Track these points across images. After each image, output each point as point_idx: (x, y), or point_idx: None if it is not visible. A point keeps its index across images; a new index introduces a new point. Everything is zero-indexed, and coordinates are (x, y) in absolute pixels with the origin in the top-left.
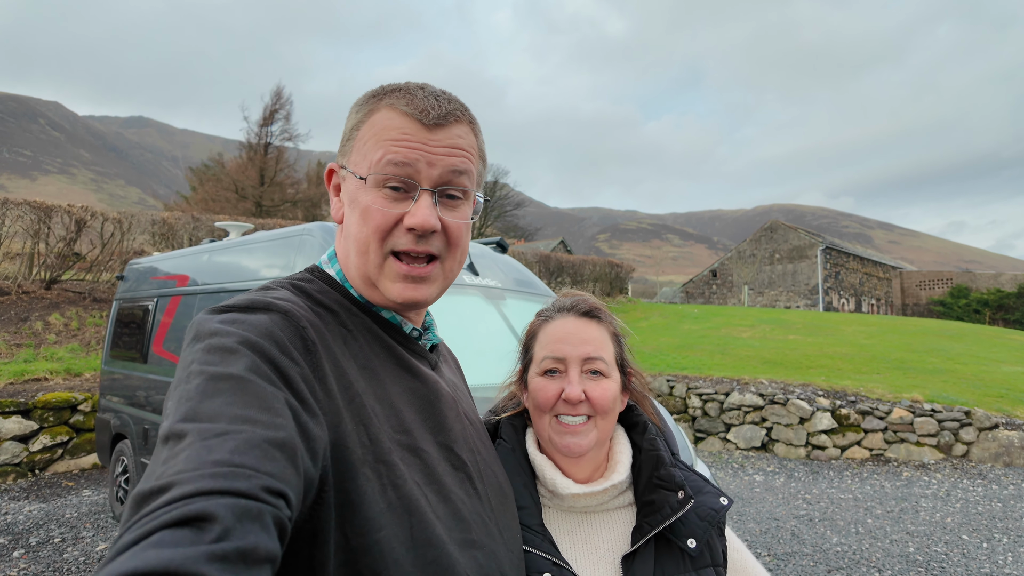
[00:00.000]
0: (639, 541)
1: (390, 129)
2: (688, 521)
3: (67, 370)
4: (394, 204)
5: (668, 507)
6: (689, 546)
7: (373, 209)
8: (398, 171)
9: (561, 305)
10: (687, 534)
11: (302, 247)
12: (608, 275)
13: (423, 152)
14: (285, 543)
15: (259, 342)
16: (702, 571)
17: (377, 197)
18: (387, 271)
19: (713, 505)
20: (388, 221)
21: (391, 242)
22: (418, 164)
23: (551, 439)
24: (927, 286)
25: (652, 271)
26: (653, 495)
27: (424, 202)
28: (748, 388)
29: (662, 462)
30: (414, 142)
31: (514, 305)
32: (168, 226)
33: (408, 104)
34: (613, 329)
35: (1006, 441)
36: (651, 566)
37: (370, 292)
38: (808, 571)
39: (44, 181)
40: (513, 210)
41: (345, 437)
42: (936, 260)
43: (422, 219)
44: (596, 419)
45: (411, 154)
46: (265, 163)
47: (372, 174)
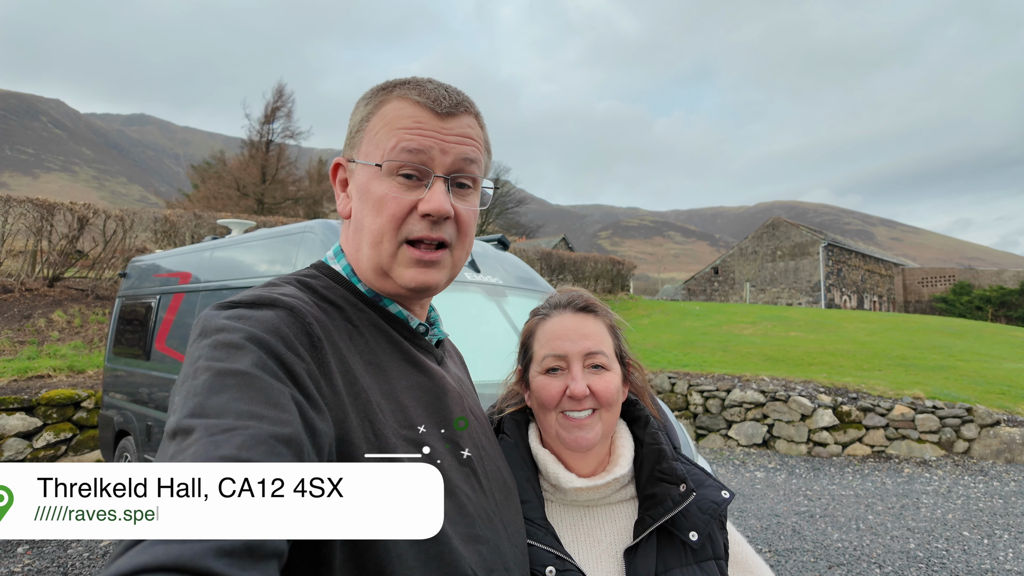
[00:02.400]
0: (641, 534)
1: (403, 118)
2: (690, 514)
3: (70, 367)
4: (408, 192)
5: (670, 500)
6: (691, 539)
7: (388, 197)
8: (412, 158)
9: (557, 302)
10: (689, 527)
11: (304, 244)
12: (610, 272)
13: (436, 139)
14: (291, 538)
15: (265, 338)
16: (704, 564)
17: (391, 186)
18: (400, 258)
19: (715, 498)
20: (403, 208)
21: (405, 230)
22: (432, 151)
23: (558, 434)
24: (929, 283)
25: (654, 268)
26: (655, 488)
27: (438, 188)
28: (750, 385)
29: (664, 456)
30: (428, 130)
31: (515, 302)
32: (170, 224)
33: (420, 94)
34: (610, 322)
35: (1007, 438)
36: (653, 559)
37: (382, 282)
38: (809, 567)
39: (46, 179)
40: (515, 207)
41: (350, 433)
42: (939, 257)
43: (437, 204)
44: (601, 412)
45: (425, 141)
46: (267, 160)
47: (387, 160)
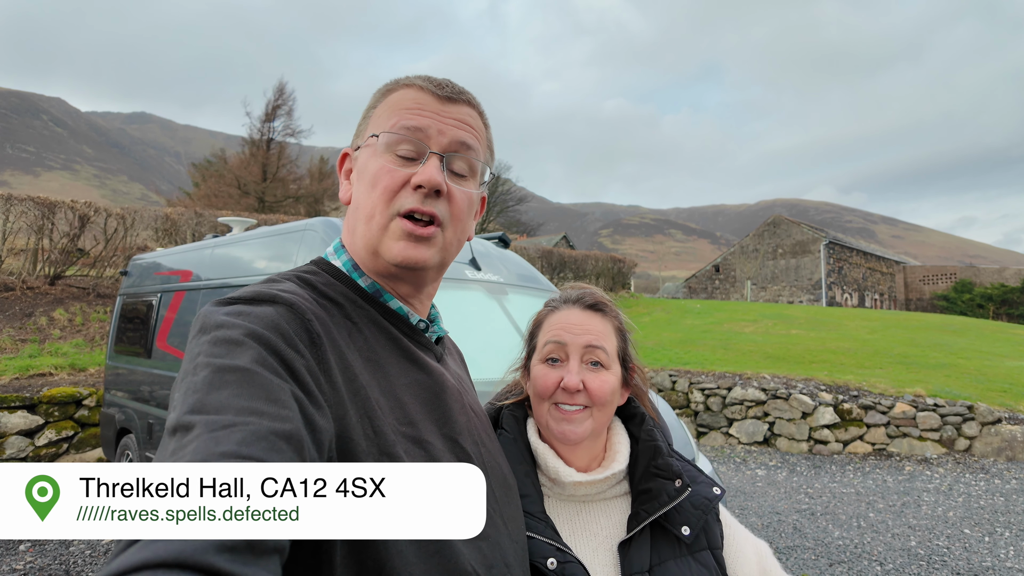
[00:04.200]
0: (635, 528)
1: (405, 101)
2: (683, 509)
3: (72, 365)
4: (403, 167)
5: (665, 495)
6: (683, 533)
7: (383, 170)
8: (410, 133)
9: (567, 296)
10: (681, 522)
11: (305, 242)
12: (611, 270)
13: (435, 119)
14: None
15: (265, 334)
16: (698, 554)
17: (387, 160)
18: (391, 231)
19: (707, 494)
20: (397, 181)
21: (397, 203)
22: (429, 130)
23: (548, 424)
24: (931, 281)
25: (655, 266)
26: (650, 484)
27: (432, 162)
28: (750, 383)
29: (660, 452)
30: (427, 111)
31: (516, 300)
32: (171, 222)
33: (425, 82)
34: (618, 324)
35: (1009, 436)
36: (647, 552)
37: (373, 261)
38: (810, 564)
39: (47, 177)
40: (515, 205)
41: (350, 429)
42: (940, 255)
43: (429, 175)
44: (593, 409)
45: (424, 120)
46: (267, 159)
47: (384, 132)
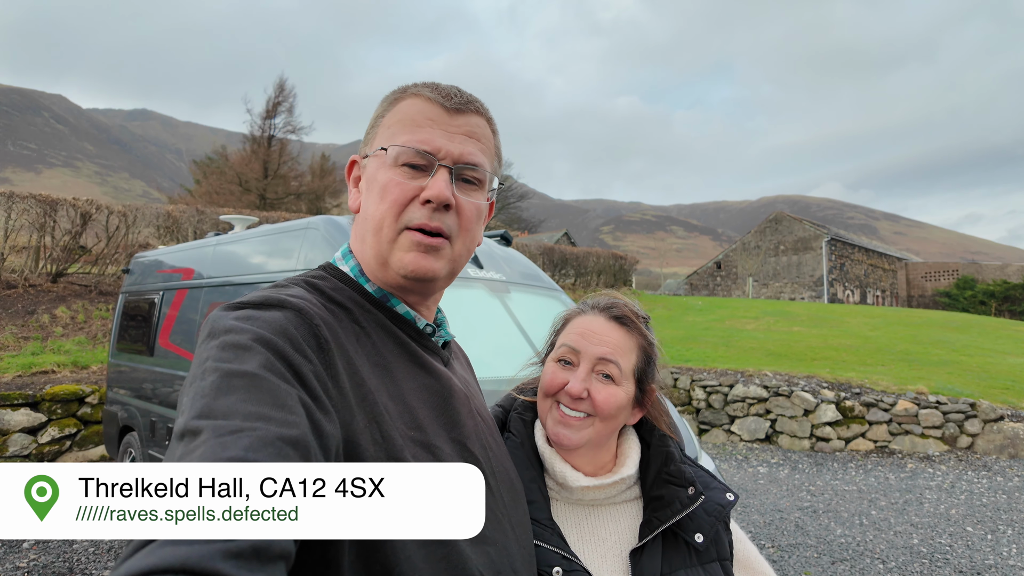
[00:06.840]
0: (648, 536)
1: (414, 112)
2: (696, 516)
3: (74, 363)
4: (412, 180)
5: (678, 502)
6: (696, 541)
7: (392, 183)
8: (418, 146)
9: (596, 303)
10: (694, 529)
11: (306, 240)
12: (612, 267)
13: (444, 132)
14: (299, 540)
15: (273, 339)
16: (708, 566)
17: (396, 173)
18: (400, 243)
19: (720, 501)
20: (406, 195)
21: (406, 217)
22: (438, 142)
23: (546, 424)
24: (933, 277)
25: (656, 263)
26: (662, 490)
27: (441, 176)
28: (752, 380)
29: (672, 458)
30: (436, 123)
31: (518, 298)
32: (173, 219)
33: (432, 92)
34: (644, 342)
35: (1011, 433)
36: (659, 560)
37: (382, 272)
38: (812, 562)
39: (49, 174)
40: (517, 202)
41: (357, 435)
42: (942, 251)
43: (438, 190)
44: (595, 420)
45: (433, 132)
46: (268, 156)
47: (392, 145)
